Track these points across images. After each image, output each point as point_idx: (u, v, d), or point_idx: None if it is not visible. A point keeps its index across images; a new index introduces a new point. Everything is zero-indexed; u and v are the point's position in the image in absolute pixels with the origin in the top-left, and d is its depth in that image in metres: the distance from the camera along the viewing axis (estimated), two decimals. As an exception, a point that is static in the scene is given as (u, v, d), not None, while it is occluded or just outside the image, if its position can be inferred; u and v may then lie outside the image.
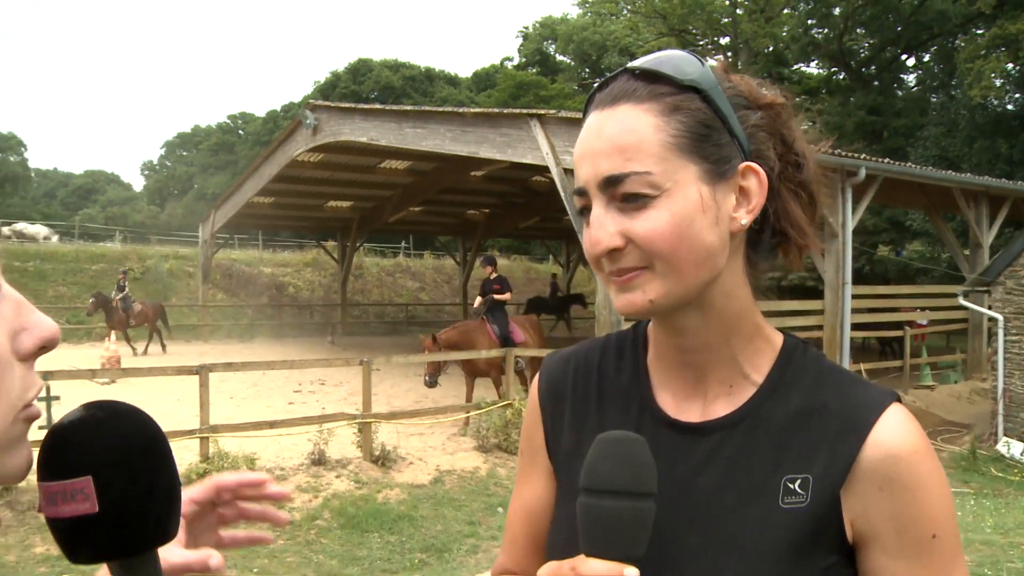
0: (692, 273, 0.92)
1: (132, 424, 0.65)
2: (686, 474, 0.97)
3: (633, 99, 0.93)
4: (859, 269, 26.59)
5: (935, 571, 0.91)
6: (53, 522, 0.63)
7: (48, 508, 0.63)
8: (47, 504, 0.63)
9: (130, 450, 0.64)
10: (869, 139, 32.03)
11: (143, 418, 0.66)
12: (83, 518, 0.62)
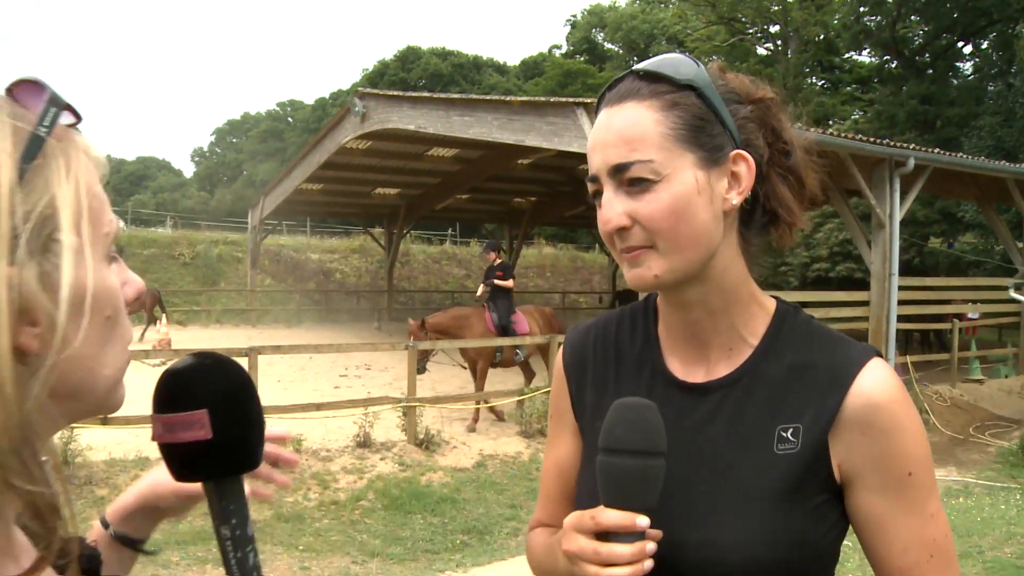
0: (691, 249, 1.05)
1: (233, 370, 0.77)
2: (693, 428, 1.10)
3: (637, 97, 1.07)
4: (909, 261, 26.20)
5: (912, 504, 1.05)
6: (169, 447, 0.75)
7: (166, 436, 0.75)
8: (165, 432, 0.74)
9: (234, 390, 0.76)
10: (921, 129, 31.46)
11: (239, 366, 0.78)
12: (197, 444, 0.74)
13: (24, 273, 0.58)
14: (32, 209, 0.60)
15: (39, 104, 0.65)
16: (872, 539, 1.08)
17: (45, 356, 0.60)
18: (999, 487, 8.91)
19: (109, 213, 0.69)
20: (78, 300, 0.62)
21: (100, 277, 0.65)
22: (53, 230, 0.61)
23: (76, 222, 0.63)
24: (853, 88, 41.00)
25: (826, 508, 1.07)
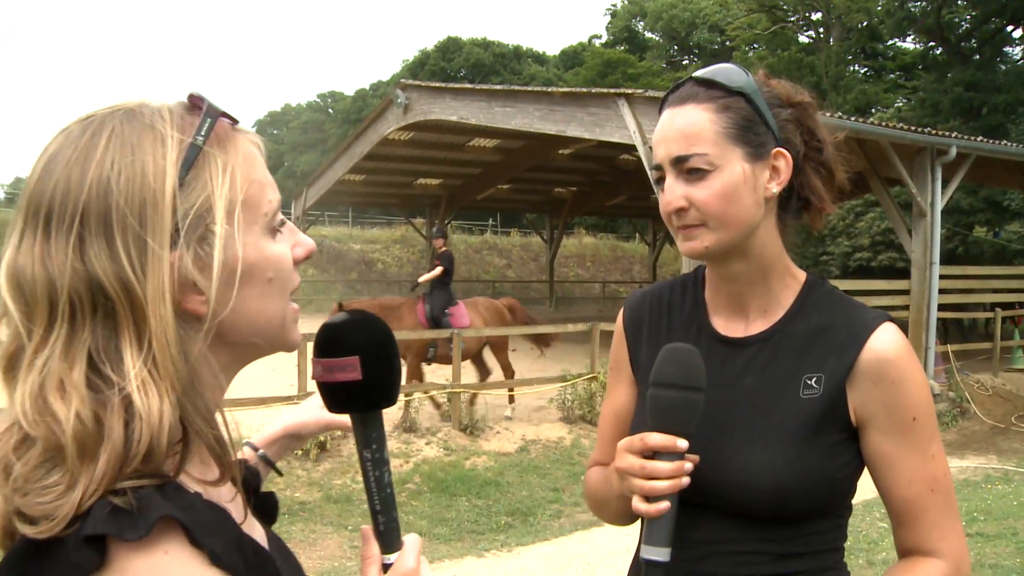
0: (736, 228, 1.28)
1: (379, 325, 0.97)
2: (732, 375, 1.34)
3: (695, 100, 1.30)
4: (953, 250, 25.92)
5: (916, 445, 1.27)
6: (326, 386, 0.96)
7: (324, 376, 0.94)
8: (324, 373, 0.95)
9: (379, 341, 0.96)
10: (966, 116, 30.97)
11: (383, 322, 0.98)
12: (349, 383, 0.94)
13: (184, 257, 0.79)
14: (191, 207, 0.79)
15: (198, 116, 0.84)
16: (882, 474, 1.30)
17: (208, 320, 0.81)
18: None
19: (269, 193, 0.88)
20: (228, 274, 0.81)
21: (258, 250, 0.85)
22: (209, 222, 0.81)
23: (229, 212, 0.82)
24: (896, 76, 40.45)
25: (843, 446, 1.29)
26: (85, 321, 0.76)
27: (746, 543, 1.29)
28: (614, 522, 1.51)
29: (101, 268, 0.75)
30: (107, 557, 0.70)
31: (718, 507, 1.29)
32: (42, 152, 0.81)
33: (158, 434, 0.73)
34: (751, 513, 1.28)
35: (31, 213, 0.78)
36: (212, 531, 0.74)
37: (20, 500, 0.71)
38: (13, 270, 0.78)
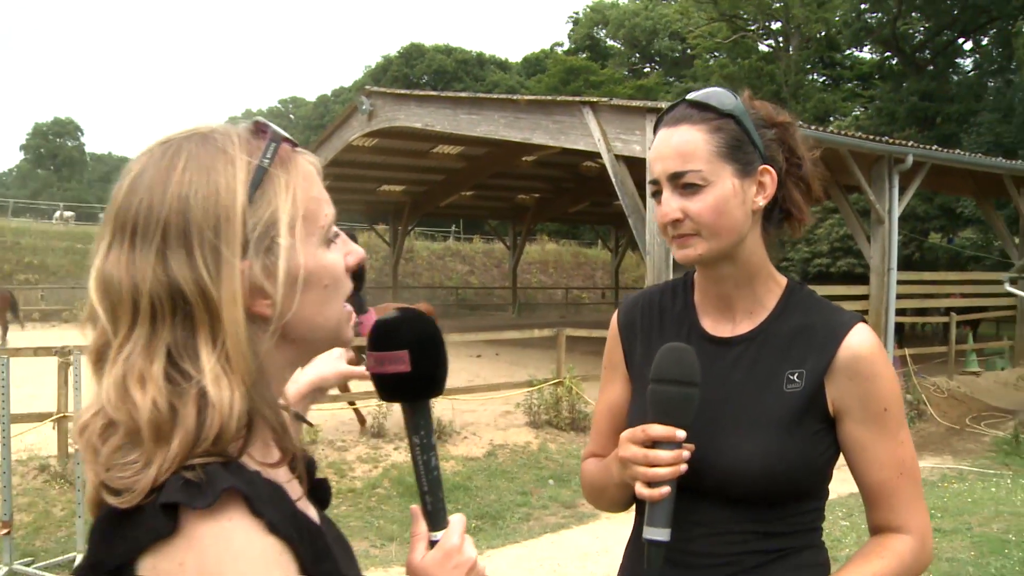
0: (726, 237, 1.40)
1: (428, 322, 1.06)
2: (721, 372, 1.45)
3: (690, 121, 1.41)
4: (909, 256, 26.42)
5: (886, 432, 1.40)
6: (378, 377, 1.05)
7: (375, 368, 1.04)
8: (376, 365, 1.04)
9: (428, 336, 1.05)
10: (921, 125, 31.61)
11: (432, 319, 1.07)
12: (399, 375, 1.03)
13: (253, 266, 0.88)
14: (258, 221, 0.89)
15: (265, 140, 0.94)
16: (856, 460, 1.42)
17: (275, 321, 0.91)
18: (991, 473, 9.21)
19: (325, 208, 0.97)
20: (291, 281, 0.90)
21: (315, 260, 0.94)
22: (274, 235, 0.90)
23: (291, 226, 0.91)
24: (854, 85, 41.18)
25: (822, 435, 1.41)
26: (165, 322, 0.85)
27: (736, 524, 1.41)
28: (611, 509, 1.62)
29: (181, 275, 0.85)
30: (179, 523, 0.80)
31: (710, 492, 1.40)
32: (126, 172, 0.92)
33: (228, 420, 0.83)
34: (740, 497, 1.40)
35: (118, 227, 0.88)
36: (270, 503, 0.84)
37: (106, 475, 0.82)
38: (101, 277, 0.88)
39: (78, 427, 0.87)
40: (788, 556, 1.42)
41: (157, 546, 0.80)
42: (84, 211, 50.23)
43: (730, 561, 1.41)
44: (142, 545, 0.80)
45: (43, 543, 6.88)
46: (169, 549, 0.80)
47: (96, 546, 0.85)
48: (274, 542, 0.82)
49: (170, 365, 0.84)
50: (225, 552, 0.79)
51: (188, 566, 0.79)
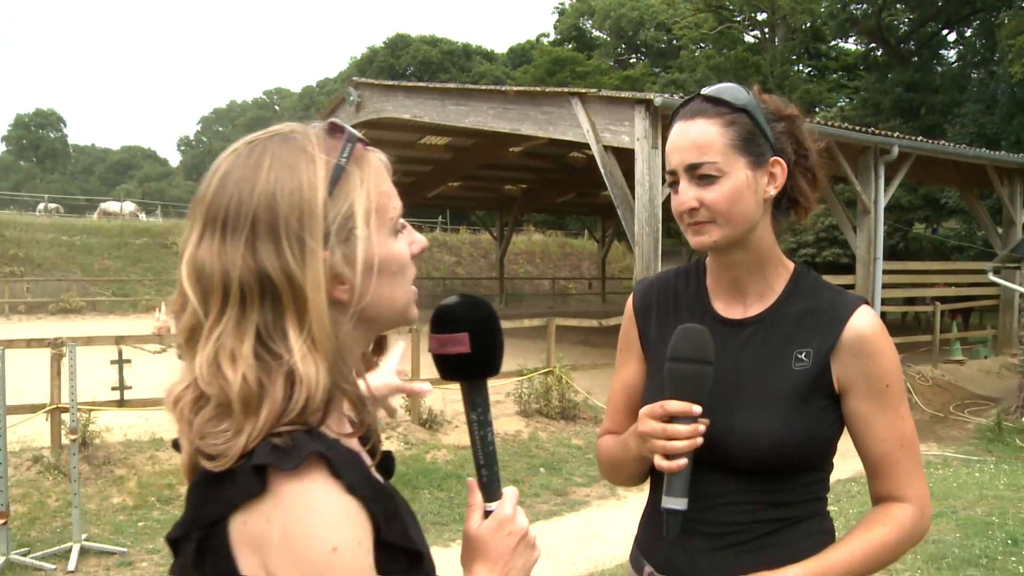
0: (740, 224, 1.48)
1: (486, 306, 1.13)
2: (733, 352, 1.53)
3: (705, 115, 1.50)
4: (894, 246, 26.63)
5: (888, 407, 1.49)
6: (440, 358, 1.12)
7: (438, 349, 1.12)
8: (438, 347, 1.11)
9: (487, 320, 1.12)
10: (906, 116, 31.86)
11: (489, 304, 1.14)
12: (460, 356, 1.10)
13: (334, 255, 0.97)
14: (337, 214, 0.97)
15: (341, 140, 1.03)
16: (859, 433, 1.52)
17: (351, 303, 1.00)
18: (975, 460, 9.35)
19: (395, 201, 1.07)
20: (368, 268, 0.99)
21: (386, 249, 1.03)
22: (352, 227, 0.99)
23: (366, 219, 1.00)
24: (839, 75, 41.39)
25: (828, 410, 1.50)
26: (254, 305, 0.94)
27: (747, 494, 1.50)
28: (627, 483, 1.70)
29: (269, 263, 0.94)
30: (267, 484, 0.89)
31: (724, 464, 1.49)
32: (215, 169, 1.01)
33: (315, 394, 0.92)
34: (752, 468, 1.49)
35: (209, 220, 0.97)
36: (348, 467, 0.93)
37: (200, 443, 0.92)
38: (193, 264, 0.97)
39: (171, 400, 0.97)
40: (795, 524, 1.51)
41: (247, 504, 0.89)
42: (68, 203, 49.98)
43: (741, 529, 1.50)
44: (234, 503, 0.90)
45: (38, 533, 6.92)
46: (258, 507, 0.89)
47: (192, 505, 0.95)
48: (351, 501, 0.91)
49: (259, 345, 0.93)
50: (308, 509, 0.88)
51: (275, 522, 0.88)
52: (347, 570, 0.89)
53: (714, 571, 1.49)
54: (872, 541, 1.47)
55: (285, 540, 0.88)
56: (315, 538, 0.88)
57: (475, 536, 1.13)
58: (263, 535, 0.89)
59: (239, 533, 0.91)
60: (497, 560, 1.11)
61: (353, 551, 0.90)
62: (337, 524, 0.89)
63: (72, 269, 31.35)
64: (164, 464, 8.33)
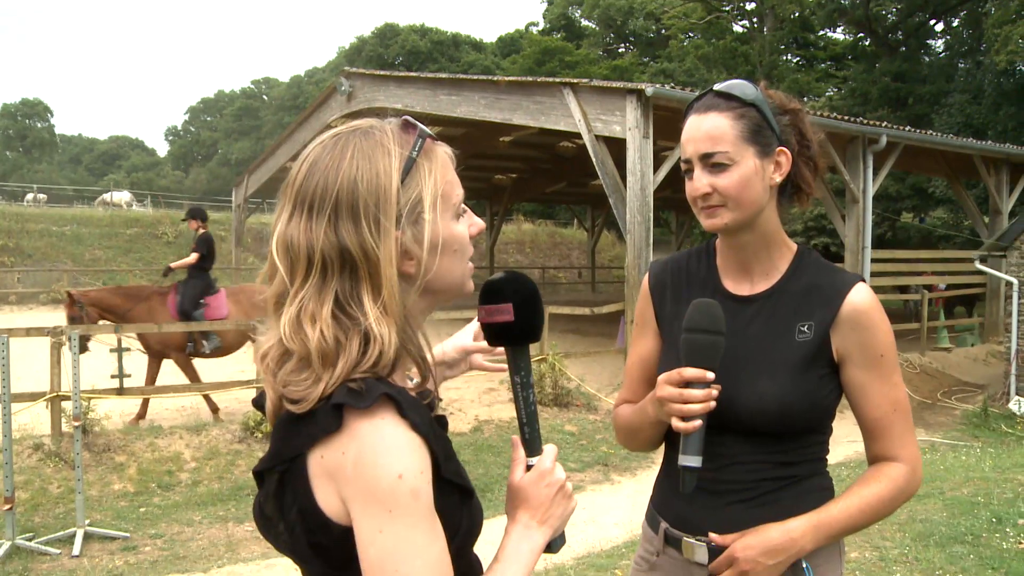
0: (748, 208, 1.62)
1: (528, 281, 1.27)
2: (741, 325, 1.67)
3: (717, 109, 1.64)
4: (882, 235, 26.83)
5: (882, 375, 1.63)
6: (487, 326, 1.27)
7: (486, 318, 1.26)
8: (486, 316, 1.26)
9: (529, 293, 1.26)
10: (894, 106, 32.02)
11: (531, 280, 1.28)
12: (504, 324, 1.25)
13: (404, 234, 1.12)
14: (408, 200, 1.13)
15: (413, 136, 1.17)
16: (856, 399, 1.66)
17: (417, 276, 1.14)
18: (962, 445, 9.52)
19: (457, 189, 1.21)
20: (433, 247, 1.14)
21: (448, 230, 1.17)
22: (420, 211, 1.14)
23: (433, 204, 1.15)
24: (827, 65, 41.51)
25: (828, 378, 1.64)
26: (333, 275, 1.09)
27: (756, 455, 1.65)
28: (642, 448, 1.84)
29: (349, 240, 1.09)
30: (343, 421, 1.04)
31: (735, 428, 1.64)
32: (303, 158, 1.16)
33: (386, 351, 1.08)
34: (760, 431, 1.64)
35: (298, 201, 1.12)
36: (413, 408, 1.07)
37: (284, 390, 1.07)
38: (283, 239, 1.12)
39: (259, 354, 1.12)
40: (798, 482, 1.66)
41: (325, 439, 1.04)
42: (56, 193, 49.76)
43: (749, 487, 1.64)
44: (314, 439, 1.05)
45: (42, 519, 7.00)
46: (334, 441, 1.04)
47: (277, 442, 1.10)
48: (415, 437, 1.04)
49: (337, 309, 1.08)
50: (378, 443, 1.02)
51: (349, 453, 1.03)
52: (409, 495, 1.02)
53: (725, 525, 1.63)
54: (868, 496, 1.62)
55: (357, 469, 1.02)
56: (383, 466, 1.01)
57: (518, 486, 1.27)
58: (338, 466, 1.03)
59: (317, 466, 1.05)
60: (538, 508, 1.25)
61: (416, 479, 1.02)
62: (402, 455, 1.02)
63: (63, 259, 31.26)
64: (163, 451, 8.42)
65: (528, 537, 1.24)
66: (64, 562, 6.14)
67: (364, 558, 1.02)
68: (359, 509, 1.02)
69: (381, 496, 1.01)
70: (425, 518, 1.04)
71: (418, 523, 1.03)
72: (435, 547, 1.05)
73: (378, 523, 1.01)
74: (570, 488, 1.29)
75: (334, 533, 1.06)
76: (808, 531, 1.57)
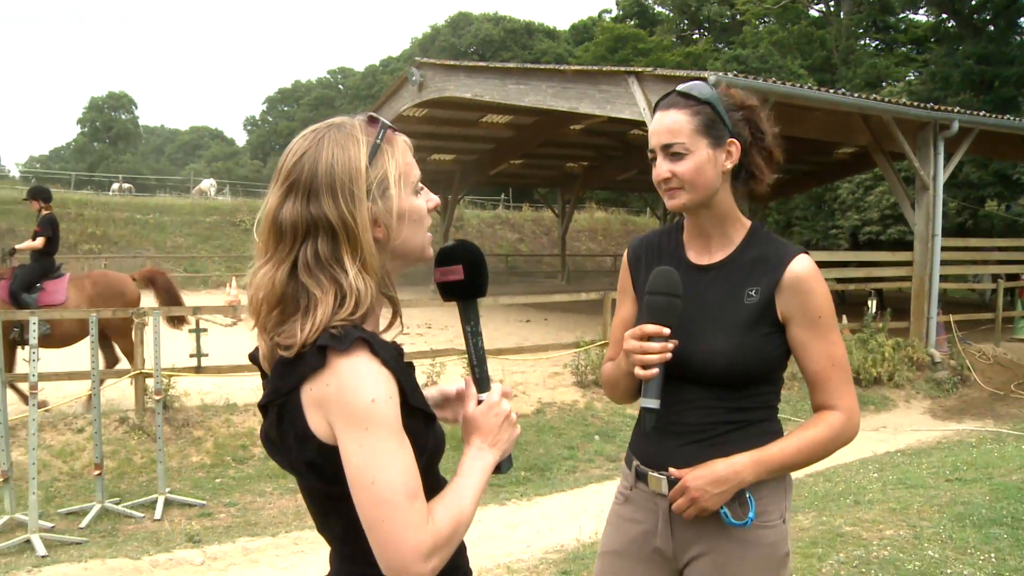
0: (703, 190, 1.87)
1: (475, 248, 1.52)
2: (700, 289, 1.91)
3: (677, 107, 1.90)
4: (962, 224, 26.16)
5: (821, 334, 1.86)
6: (441, 284, 1.51)
7: (440, 278, 1.51)
8: (440, 276, 1.50)
9: (476, 257, 1.51)
10: (977, 89, 31.01)
11: (477, 247, 1.52)
12: (455, 282, 1.49)
13: (375, 205, 1.37)
14: (375, 177, 1.38)
15: (377, 127, 1.42)
16: (799, 355, 1.91)
17: (387, 241, 1.40)
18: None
19: (415, 170, 1.47)
20: (399, 216, 1.40)
21: (409, 203, 1.43)
22: (386, 186, 1.39)
23: (396, 181, 1.41)
24: (908, 49, 40.43)
25: (773, 336, 1.88)
26: (316, 241, 1.34)
27: (710, 401, 1.90)
28: (623, 399, 2.10)
29: (330, 212, 1.34)
30: (326, 360, 1.28)
31: (693, 378, 1.90)
32: (290, 149, 1.41)
33: (363, 300, 1.34)
34: (714, 381, 1.89)
35: (286, 183, 1.38)
36: (383, 348, 1.32)
37: (277, 339, 1.34)
38: (273, 213, 1.38)
39: (252, 311, 1.39)
40: (749, 426, 1.90)
41: (313, 375, 1.29)
42: (140, 183, 51.43)
43: (705, 429, 1.89)
44: (304, 376, 1.30)
45: (127, 486, 7.48)
46: (320, 376, 1.29)
47: (275, 381, 1.35)
48: (384, 370, 1.30)
49: (319, 268, 1.33)
50: (355, 375, 1.27)
51: (331, 385, 1.28)
52: (381, 415, 1.27)
53: (684, 461, 1.89)
54: (806, 438, 1.86)
55: (339, 397, 1.27)
56: (359, 393, 1.26)
57: (471, 417, 1.50)
58: (324, 395, 1.28)
59: (307, 397, 1.30)
60: (487, 433, 1.48)
61: (385, 403, 1.28)
62: (375, 384, 1.28)
63: (146, 247, 32.44)
64: (238, 427, 8.85)
65: (480, 457, 1.46)
66: (147, 524, 6.60)
67: (348, 467, 1.27)
68: (342, 429, 1.27)
69: (358, 417, 1.26)
70: (395, 433, 1.28)
71: (389, 437, 1.27)
72: (404, 456, 1.29)
73: (357, 438, 1.26)
74: (515, 417, 1.52)
75: (324, 451, 1.30)
76: (749, 465, 1.82)
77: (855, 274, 15.44)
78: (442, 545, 1.31)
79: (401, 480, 1.27)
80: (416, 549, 1.27)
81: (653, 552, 1.97)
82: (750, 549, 1.86)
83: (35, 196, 9.97)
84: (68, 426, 8.40)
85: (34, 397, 6.38)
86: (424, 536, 1.28)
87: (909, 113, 12.96)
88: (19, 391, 9.27)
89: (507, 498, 7.17)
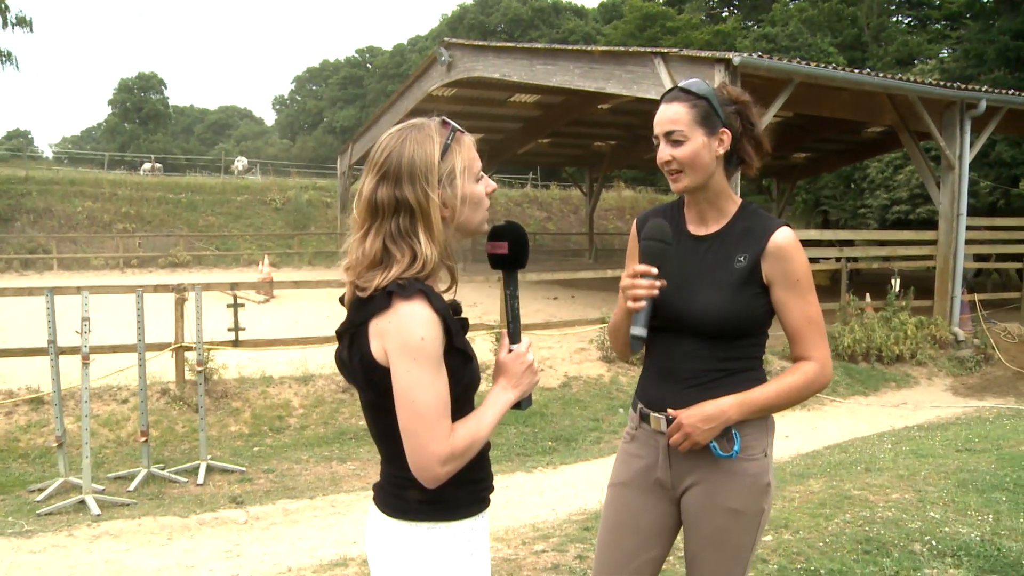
0: (700, 174, 2.14)
1: (521, 228, 1.83)
2: (697, 255, 2.19)
3: (678, 100, 2.17)
4: (994, 203, 25.97)
5: (799, 295, 2.14)
6: (491, 256, 1.81)
7: (490, 251, 1.82)
8: (490, 249, 1.81)
9: (520, 235, 1.81)
10: (1012, 67, 30.61)
11: (521, 227, 1.83)
12: (501, 255, 1.81)
13: (444, 192, 1.71)
14: (445, 169, 1.71)
15: (448, 129, 1.74)
16: (781, 313, 2.18)
17: (452, 220, 1.72)
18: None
19: (477, 162, 1.77)
20: (462, 200, 1.72)
21: (471, 190, 1.74)
22: (453, 177, 1.71)
23: (462, 172, 1.73)
24: (942, 26, 39.93)
25: (759, 296, 2.15)
26: (398, 217, 1.69)
27: (703, 351, 2.19)
28: (623, 350, 2.36)
29: (411, 194, 1.68)
30: (391, 302, 1.61)
31: (687, 331, 2.19)
32: (381, 143, 1.75)
33: (428, 262, 1.67)
34: (706, 334, 2.17)
35: (379, 173, 1.71)
36: (437, 300, 1.66)
37: (357, 282, 1.69)
38: (367, 197, 1.73)
39: (345, 267, 1.73)
40: (736, 373, 2.18)
41: (379, 313, 1.63)
42: (170, 162, 52.00)
43: (699, 375, 2.18)
44: (373, 313, 1.64)
45: (170, 453, 7.85)
46: (385, 314, 1.62)
47: (351, 314, 1.71)
48: (435, 316, 1.62)
49: (400, 236, 1.66)
50: (411, 317, 1.60)
51: (392, 322, 1.61)
52: (427, 350, 1.60)
53: (680, 404, 2.18)
54: (784, 383, 2.15)
55: (396, 331, 1.60)
56: (412, 330, 1.60)
57: (501, 361, 1.84)
58: (385, 329, 1.62)
59: (373, 329, 1.64)
60: (512, 376, 1.82)
61: (432, 341, 1.61)
62: (426, 325, 1.61)
63: (178, 225, 32.98)
64: (274, 399, 9.20)
65: (502, 395, 1.79)
66: (191, 488, 6.96)
67: (395, 387, 1.62)
68: (395, 357, 1.61)
69: (409, 349, 1.60)
70: (436, 366, 1.62)
71: (430, 368, 1.61)
72: (439, 384, 1.63)
73: (406, 366, 1.60)
74: (537, 366, 1.85)
75: (380, 372, 1.65)
76: (734, 405, 2.11)
77: (879, 253, 15.47)
78: (458, 455, 1.65)
79: (434, 403, 1.61)
80: (437, 455, 1.62)
81: (655, 483, 2.27)
82: (736, 478, 2.16)
83: None
84: (113, 397, 8.78)
85: (86, 368, 6.74)
86: (444, 447, 1.62)
87: (935, 92, 13.01)
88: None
89: (534, 466, 7.46)
